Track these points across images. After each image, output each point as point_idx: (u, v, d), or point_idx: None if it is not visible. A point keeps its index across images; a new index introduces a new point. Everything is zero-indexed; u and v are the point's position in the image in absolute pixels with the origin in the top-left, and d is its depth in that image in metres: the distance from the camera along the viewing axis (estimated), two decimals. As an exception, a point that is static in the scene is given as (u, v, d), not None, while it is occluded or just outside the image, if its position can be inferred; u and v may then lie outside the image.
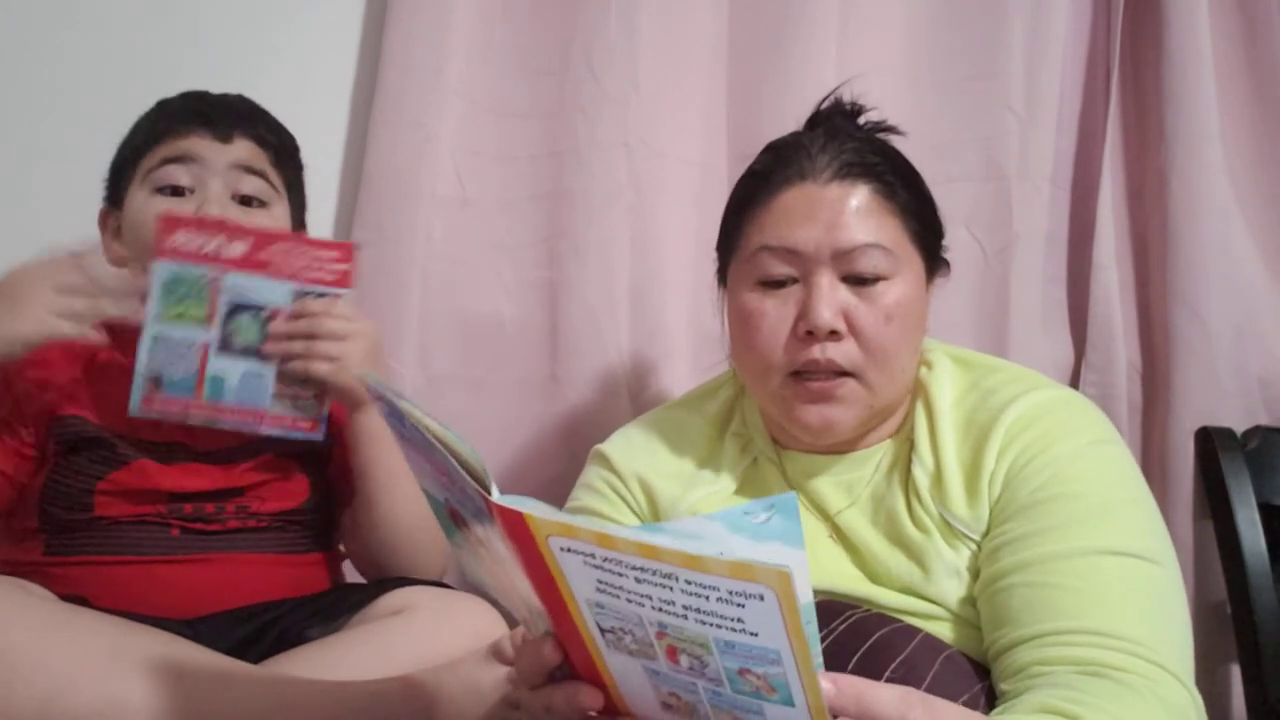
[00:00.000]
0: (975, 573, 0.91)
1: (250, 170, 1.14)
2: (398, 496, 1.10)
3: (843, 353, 0.94)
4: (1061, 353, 1.52)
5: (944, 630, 0.90)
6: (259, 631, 1.02)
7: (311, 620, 1.03)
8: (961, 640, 0.90)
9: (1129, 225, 1.55)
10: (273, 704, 0.87)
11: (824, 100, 1.06)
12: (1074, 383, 1.51)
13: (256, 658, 0.96)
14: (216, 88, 1.20)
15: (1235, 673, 1.46)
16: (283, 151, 1.19)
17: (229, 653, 0.94)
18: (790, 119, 1.07)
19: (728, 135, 1.51)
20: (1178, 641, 0.82)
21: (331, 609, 1.04)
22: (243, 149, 1.15)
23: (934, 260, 1.02)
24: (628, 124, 1.45)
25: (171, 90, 1.17)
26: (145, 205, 1.12)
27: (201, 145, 1.13)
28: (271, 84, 1.21)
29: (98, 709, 0.83)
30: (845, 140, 0.99)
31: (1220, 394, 1.47)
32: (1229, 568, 1.42)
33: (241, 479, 1.11)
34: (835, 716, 0.62)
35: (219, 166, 1.13)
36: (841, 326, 0.93)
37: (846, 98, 1.06)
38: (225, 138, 1.14)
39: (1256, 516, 1.41)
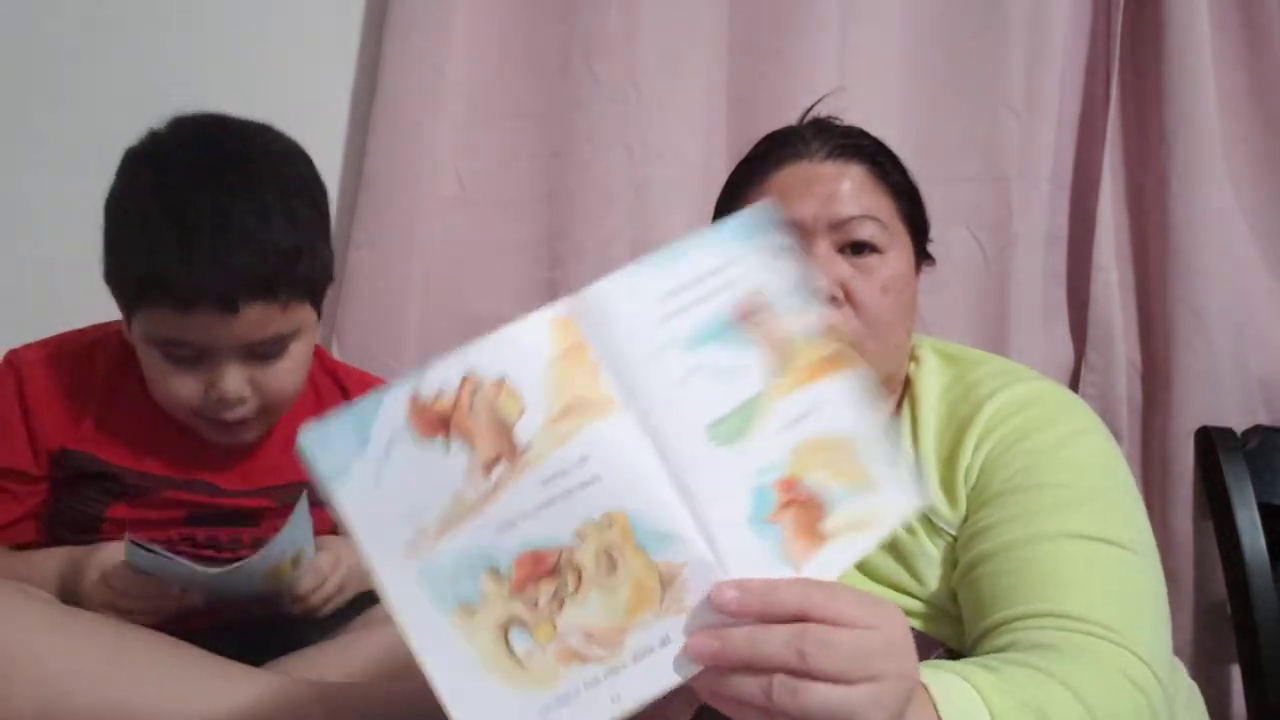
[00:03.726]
0: (954, 565, 0.91)
1: (264, 337, 0.98)
2: None
3: (841, 321, 0.95)
4: (1061, 353, 1.53)
5: (936, 628, 0.91)
6: (260, 636, 1.01)
7: (313, 623, 1.03)
8: (955, 637, 0.90)
9: (1129, 225, 1.56)
10: (274, 705, 0.87)
11: (805, 115, 1.07)
12: (1074, 382, 1.52)
13: (256, 661, 0.96)
14: (216, 88, 1.18)
15: (1235, 673, 1.46)
16: (301, 277, 0.98)
17: (229, 656, 0.93)
18: (790, 120, 1.07)
19: (727, 135, 1.51)
20: (1149, 628, 0.80)
21: (333, 612, 1.04)
22: (251, 318, 0.95)
23: (921, 247, 1.03)
24: (628, 124, 1.45)
25: (167, 92, 1.14)
26: (154, 365, 0.99)
27: (203, 325, 0.94)
28: (272, 84, 1.21)
29: (97, 713, 0.82)
30: (834, 127, 1.03)
31: (1220, 394, 1.47)
32: (1229, 568, 1.42)
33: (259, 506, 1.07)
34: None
35: (228, 342, 0.96)
36: (839, 294, 0.94)
37: (824, 114, 1.07)
38: (230, 310, 0.94)
39: (1256, 516, 1.42)
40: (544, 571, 0.56)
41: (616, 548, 0.56)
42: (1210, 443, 1.45)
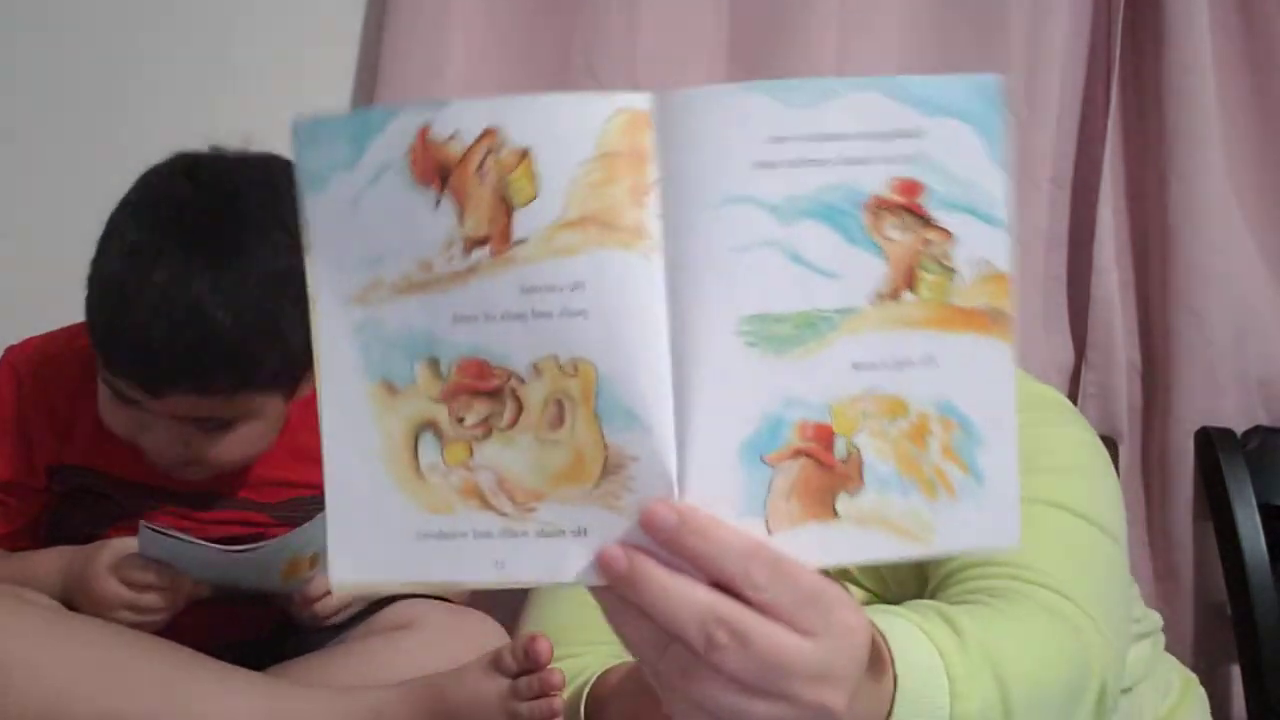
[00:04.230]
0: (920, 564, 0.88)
1: (196, 416, 0.92)
2: None
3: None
4: (1062, 353, 1.52)
5: None
6: (260, 646, 1.01)
7: (314, 632, 1.02)
8: None
9: (1129, 225, 1.55)
10: (275, 711, 0.87)
11: None
12: (1074, 383, 1.51)
13: (257, 667, 0.95)
14: (216, 88, 1.18)
15: (1235, 673, 1.46)
16: (252, 371, 0.91)
17: (229, 662, 0.93)
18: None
19: (728, 135, 1.51)
20: (1093, 586, 0.76)
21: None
22: (178, 405, 0.91)
23: None
24: (628, 124, 1.45)
25: (169, 91, 1.14)
26: (109, 407, 0.96)
27: (130, 388, 0.91)
28: (271, 84, 1.21)
29: None
30: None
31: (1220, 394, 1.47)
32: (1229, 568, 1.42)
33: (267, 522, 1.05)
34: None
35: (156, 410, 0.92)
36: None
37: None
38: (154, 393, 0.90)
39: (1256, 517, 1.41)
40: (484, 389, 0.47)
41: (570, 401, 0.46)
42: (1210, 443, 1.45)
